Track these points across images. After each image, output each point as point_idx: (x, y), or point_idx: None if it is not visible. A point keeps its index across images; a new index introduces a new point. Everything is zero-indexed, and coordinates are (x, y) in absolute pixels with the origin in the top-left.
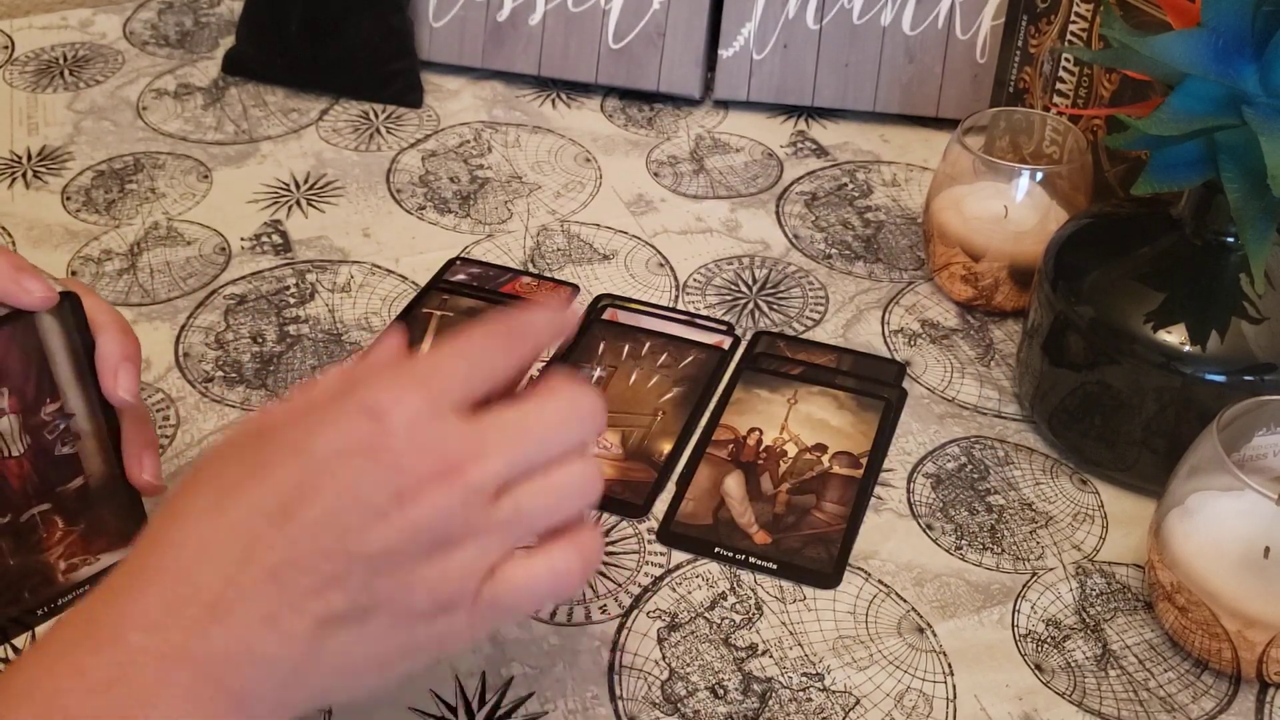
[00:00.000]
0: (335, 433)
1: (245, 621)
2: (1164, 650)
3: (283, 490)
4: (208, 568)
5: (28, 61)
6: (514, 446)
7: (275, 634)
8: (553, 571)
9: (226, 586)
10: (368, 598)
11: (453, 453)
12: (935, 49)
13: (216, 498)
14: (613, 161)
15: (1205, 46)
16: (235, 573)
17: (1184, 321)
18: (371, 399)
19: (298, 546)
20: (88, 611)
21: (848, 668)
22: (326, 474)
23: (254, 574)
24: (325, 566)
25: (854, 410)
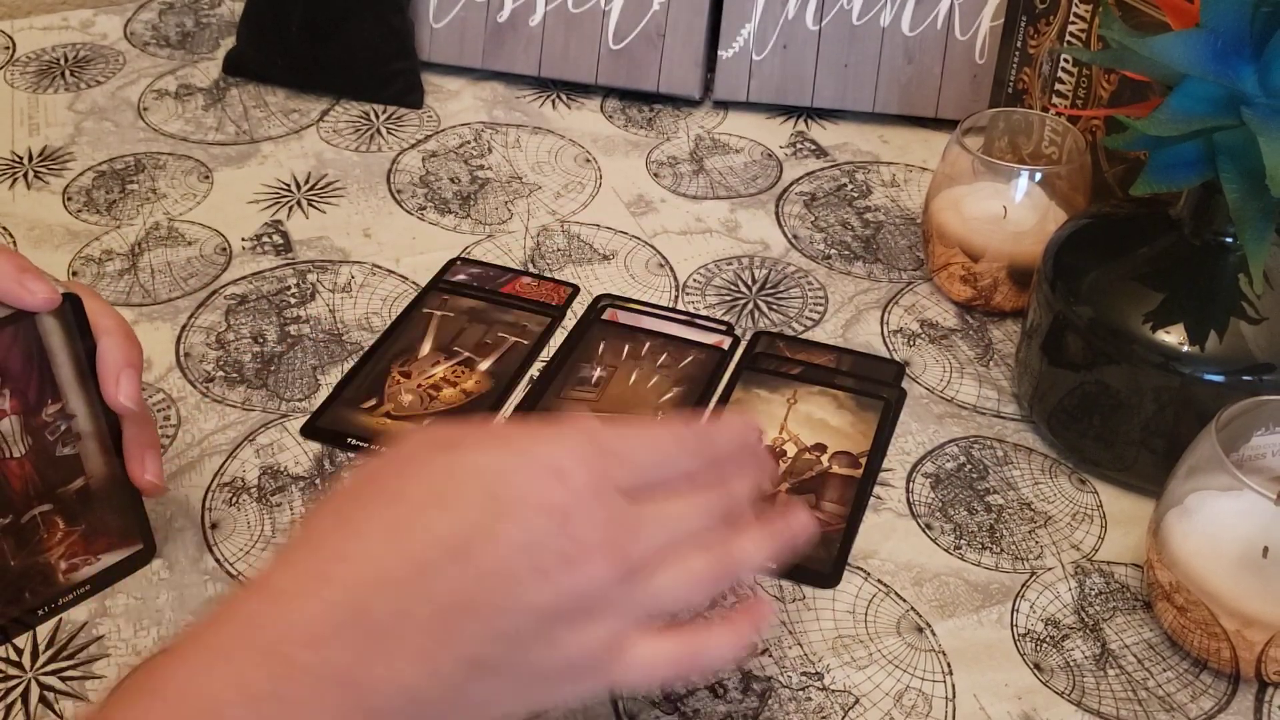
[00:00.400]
0: (524, 482)
1: (405, 655)
2: (1163, 650)
3: (466, 528)
4: (382, 593)
5: (29, 62)
6: (666, 533)
7: (428, 671)
8: (679, 652)
9: (398, 619)
10: (519, 653)
11: (618, 531)
12: (934, 49)
13: (398, 518)
14: (613, 162)
15: (1204, 47)
16: (409, 606)
17: (1183, 321)
18: (559, 459)
19: (471, 590)
20: (248, 609)
21: (847, 667)
22: (511, 522)
23: (426, 610)
24: (492, 615)
25: (853, 410)
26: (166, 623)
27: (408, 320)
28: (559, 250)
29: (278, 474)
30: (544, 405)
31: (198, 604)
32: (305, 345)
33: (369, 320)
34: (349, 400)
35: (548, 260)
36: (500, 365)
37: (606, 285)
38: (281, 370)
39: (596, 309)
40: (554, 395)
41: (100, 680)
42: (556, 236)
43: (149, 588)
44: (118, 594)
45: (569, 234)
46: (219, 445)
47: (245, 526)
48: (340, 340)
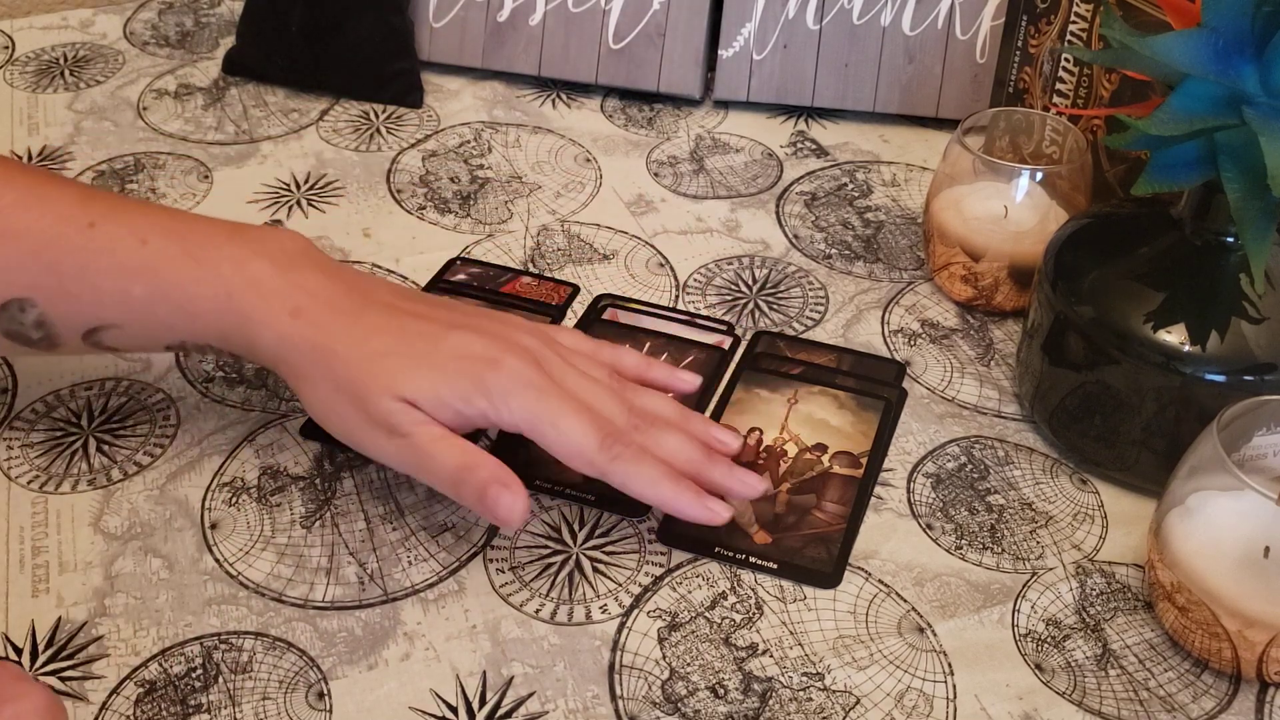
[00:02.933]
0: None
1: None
2: (1164, 650)
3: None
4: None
5: (28, 62)
6: (577, 367)
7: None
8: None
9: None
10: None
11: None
12: (935, 49)
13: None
14: (613, 161)
15: (1205, 46)
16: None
17: (1184, 321)
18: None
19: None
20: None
21: (848, 667)
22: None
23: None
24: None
25: (854, 410)
26: (166, 623)
27: None
28: (559, 250)
29: (277, 474)
30: None
31: (198, 604)
32: None
33: None
34: None
35: (548, 260)
36: None
37: (607, 285)
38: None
39: (596, 309)
40: None
41: (100, 680)
42: (556, 236)
43: (149, 588)
44: (117, 594)
45: (569, 234)
46: (219, 445)
47: (245, 526)
48: None
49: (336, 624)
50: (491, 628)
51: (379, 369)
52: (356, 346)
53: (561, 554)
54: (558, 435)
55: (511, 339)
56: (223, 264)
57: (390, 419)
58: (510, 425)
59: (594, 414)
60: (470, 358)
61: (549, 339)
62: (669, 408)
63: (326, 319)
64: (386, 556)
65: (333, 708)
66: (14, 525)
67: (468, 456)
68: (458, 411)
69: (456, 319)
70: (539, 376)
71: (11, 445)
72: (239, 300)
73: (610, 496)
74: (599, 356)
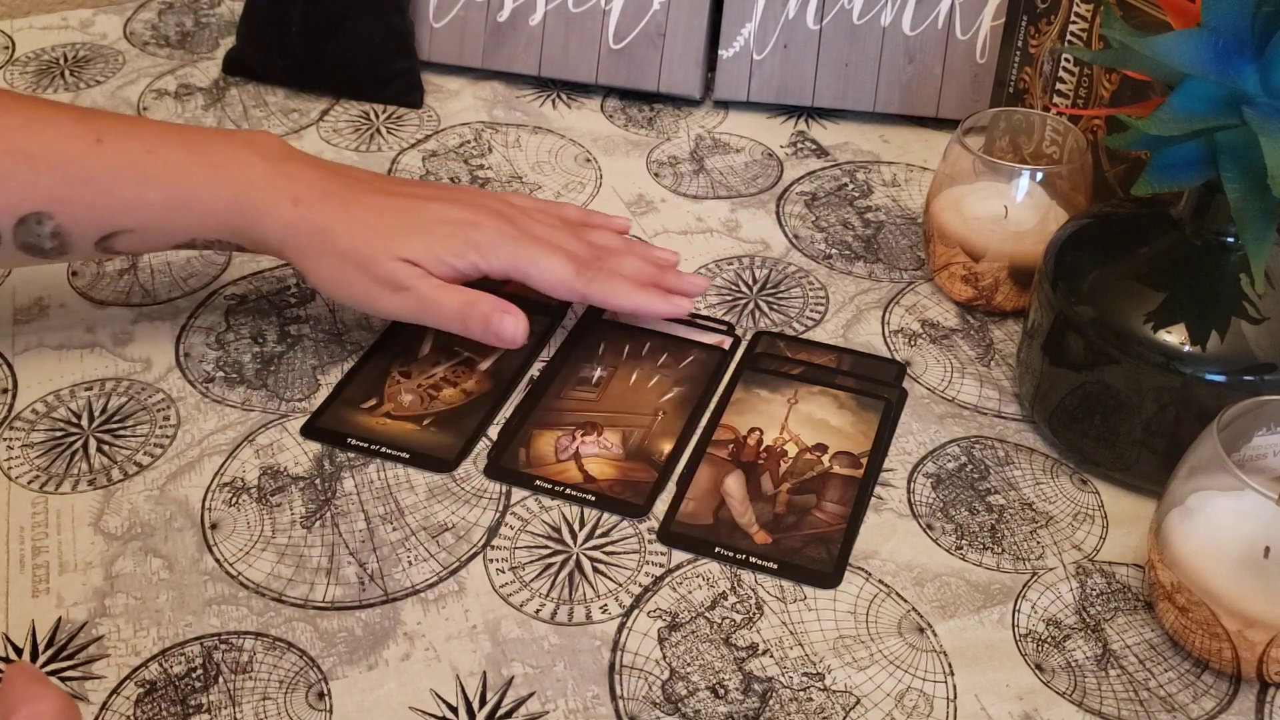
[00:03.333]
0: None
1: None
2: (1164, 650)
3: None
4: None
5: (28, 62)
6: (542, 216)
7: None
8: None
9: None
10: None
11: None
12: (935, 49)
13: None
14: (613, 162)
15: (1205, 46)
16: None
17: (1184, 321)
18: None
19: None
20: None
21: (848, 667)
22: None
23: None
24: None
25: (854, 410)
26: (166, 623)
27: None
28: None
29: (277, 474)
30: (544, 405)
31: (198, 604)
32: (305, 345)
33: (369, 320)
34: (349, 400)
35: None
36: (500, 365)
37: None
38: (281, 370)
39: (597, 309)
40: (554, 395)
41: (100, 680)
42: None
43: (149, 588)
44: (117, 594)
45: None
46: (219, 445)
47: (245, 526)
48: (340, 340)
49: (336, 624)
50: (491, 628)
51: (378, 237)
52: (354, 222)
53: (561, 554)
54: (540, 271)
55: (481, 203)
56: (228, 165)
57: (394, 276)
58: (499, 271)
59: (564, 250)
60: (453, 221)
61: (507, 201)
62: (616, 239)
63: (323, 204)
64: (386, 556)
65: (333, 708)
66: (14, 525)
67: (468, 295)
68: (452, 266)
69: (432, 193)
70: (512, 229)
71: (11, 445)
72: (247, 196)
73: (610, 496)
74: (548, 210)
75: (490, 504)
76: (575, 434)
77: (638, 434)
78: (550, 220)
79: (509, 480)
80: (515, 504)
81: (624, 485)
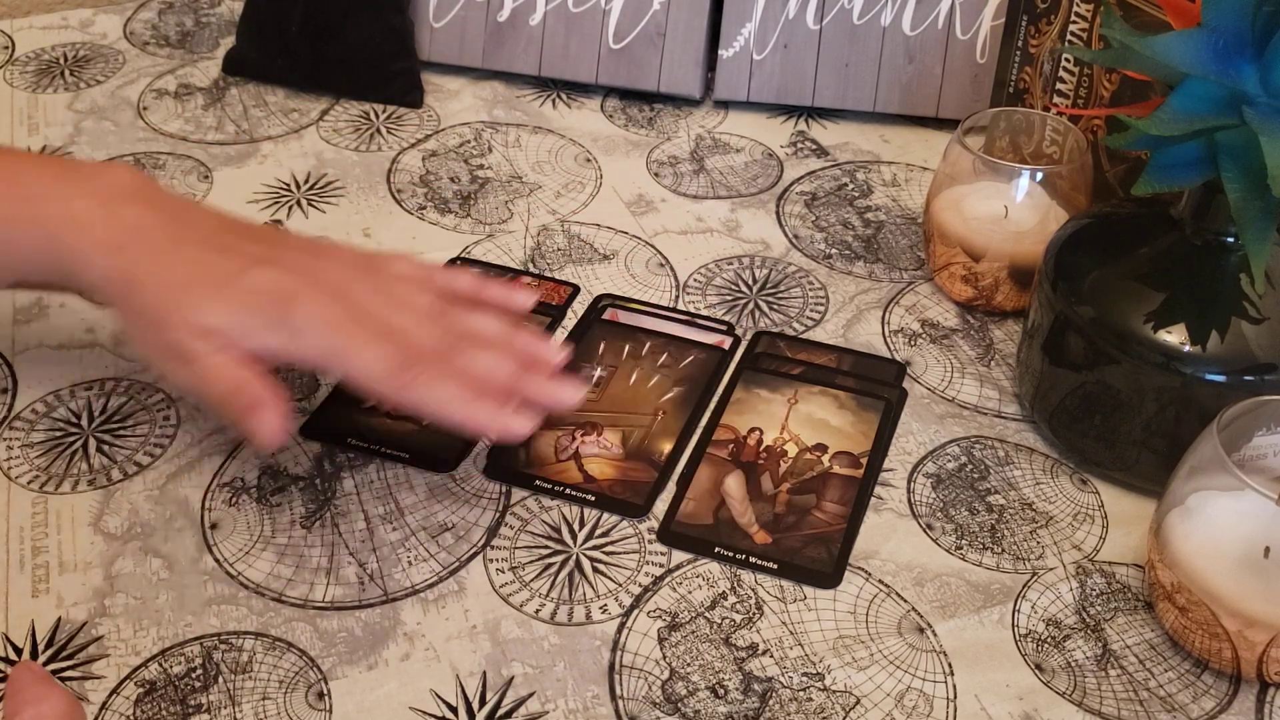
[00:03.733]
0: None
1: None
2: (1164, 650)
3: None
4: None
5: (28, 62)
6: (396, 293)
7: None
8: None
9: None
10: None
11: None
12: (935, 49)
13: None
14: (613, 161)
15: (1205, 46)
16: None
17: (1184, 321)
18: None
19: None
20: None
21: (848, 667)
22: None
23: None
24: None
25: (854, 410)
26: (166, 623)
27: None
28: (559, 250)
29: (278, 474)
30: None
31: (198, 604)
32: None
33: None
34: (349, 400)
35: (548, 260)
36: None
37: (607, 285)
38: (281, 370)
39: (597, 309)
40: None
41: (100, 680)
42: (557, 236)
43: (149, 588)
44: (117, 594)
45: (569, 234)
46: (219, 445)
47: (245, 526)
48: None
49: (336, 624)
50: (491, 628)
51: (181, 299)
52: (163, 278)
53: (561, 554)
54: (351, 366)
55: (318, 274)
56: (49, 204)
57: (181, 346)
58: (310, 358)
59: (396, 340)
60: (270, 292)
61: (372, 267)
62: (493, 326)
63: (142, 254)
64: (386, 556)
65: (333, 708)
66: (14, 525)
67: (241, 381)
68: (259, 341)
69: (266, 254)
70: (336, 311)
71: (11, 445)
72: (62, 240)
73: (610, 496)
74: (430, 282)
75: (490, 504)
76: (575, 434)
77: (638, 434)
78: (417, 298)
79: (509, 480)
80: (515, 504)
81: (624, 485)
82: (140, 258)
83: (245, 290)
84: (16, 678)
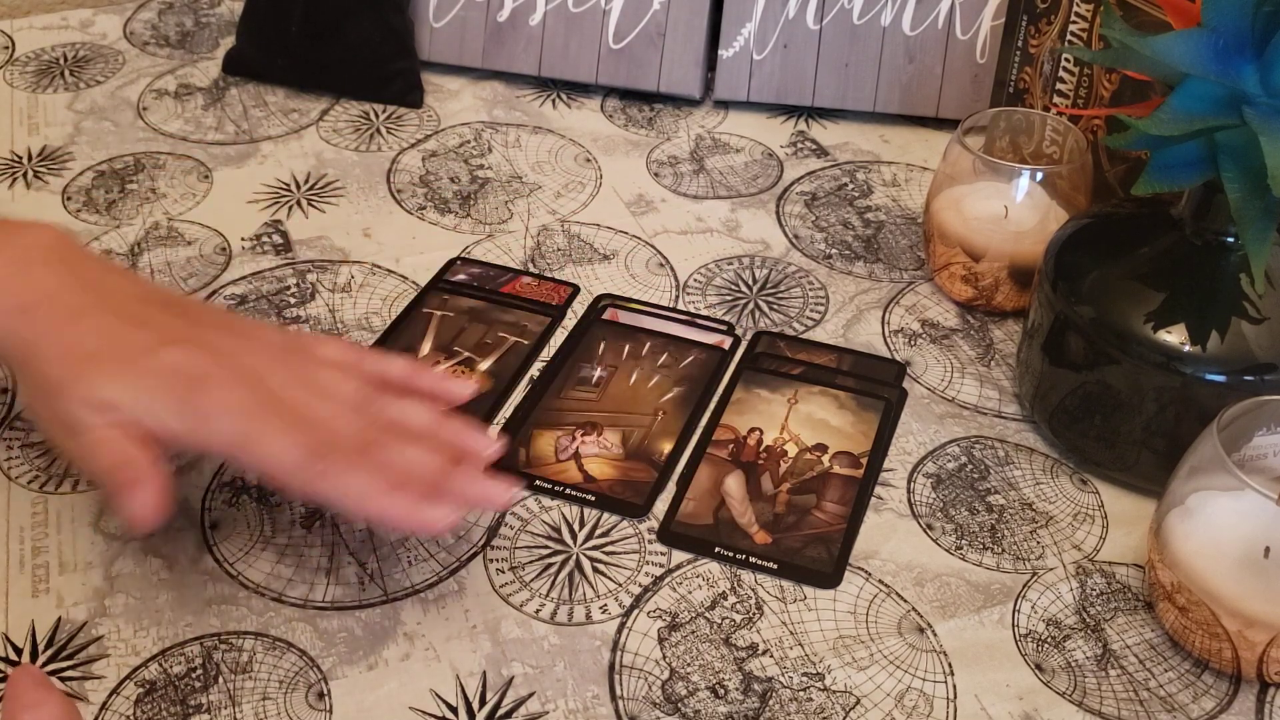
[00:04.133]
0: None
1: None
2: (1164, 650)
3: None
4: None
5: (28, 62)
6: (321, 385)
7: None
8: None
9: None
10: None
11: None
12: (935, 49)
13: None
14: (613, 161)
15: (1205, 46)
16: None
17: (1184, 321)
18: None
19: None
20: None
21: (848, 667)
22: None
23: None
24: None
25: (854, 410)
26: (166, 623)
27: (407, 320)
28: (559, 250)
29: None
30: (544, 405)
31: (198, 604)
32: None
33: (369, 320)
34: None
35: (548, 260)
36: (500, 365)
37: (607, 285)
38: None
39: (597, 309)
40: (554, 395)
41: (100, 680)
42: (557, 236)
43: (148, 588)
44: (117, 594)
45: (569, 234)
46: None
47: (245, 526)
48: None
49: (336, 624)
50: (491, 628)
51: (80, 371)
52: (67, 345)
53: (561, 554)
54: (260, 455)
55: (235, 357)
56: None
57: (72, 417)
58: (214, 447)
59: (310, 430)
60: (179, 374)
61: (296, 350)
62: (423, 416)
63: (48, 318)
64: (386, 556)
65: (333, 708)
66: (14, 525)
67: (125, 457)
68: (160, 424)
69: (183, 331)
70: (249, 398)
71: (11, 445)
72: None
73: (610, 496)
74: (359, 367)
75: None
76: (575, 434)
77: (638, 434)
78: (342, 386)
79: None
80: (515, 504)
81: (624, 485)
82: (46, 323)
83: (153, 368)
84: (15, 681)
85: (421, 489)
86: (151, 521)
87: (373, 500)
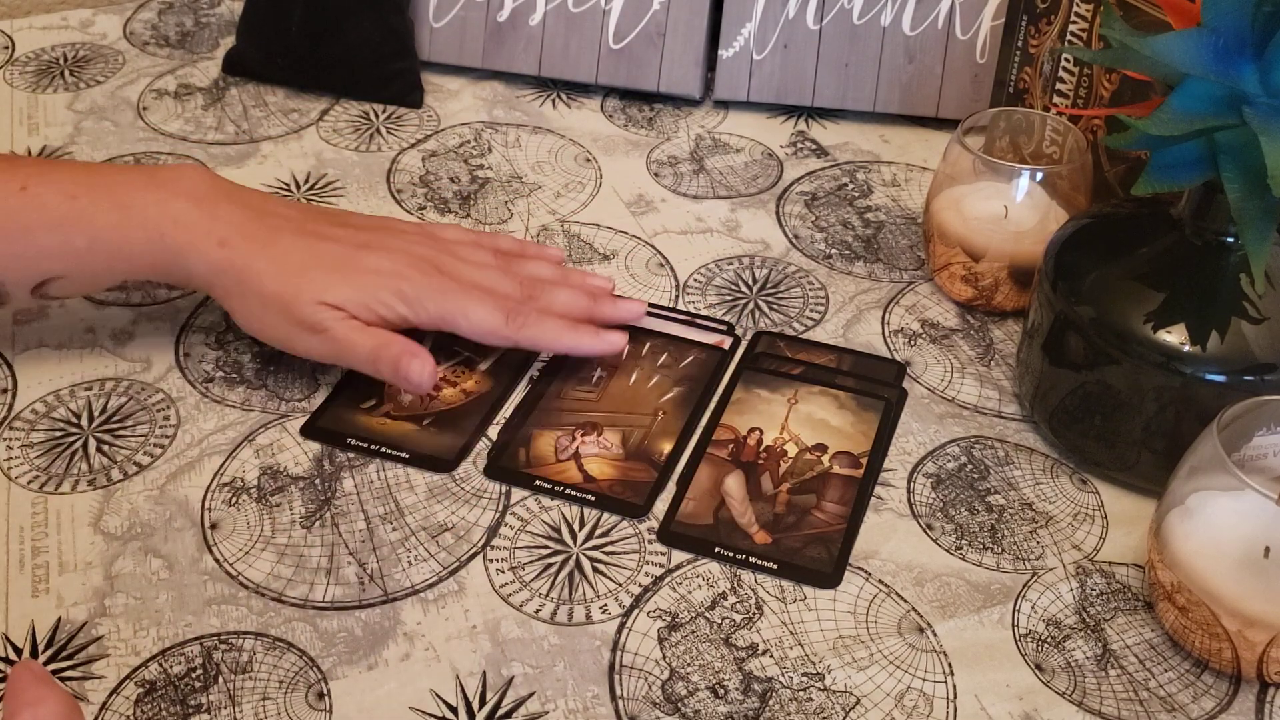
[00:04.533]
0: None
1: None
2: (1164, 650)
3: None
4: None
5: (28, 62)
6: (466, 255)
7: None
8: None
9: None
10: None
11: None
12: (935, 49)
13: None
14: (613, 161)
15: (1205, 46)
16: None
17: (1184, 321)
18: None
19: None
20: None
21: (848, 667)
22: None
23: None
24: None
25: (854, 410)
26: (166, 623)
27: None
28: None
29: (277, 474)
30: (544, 405)
31: (198, 604)
32: None
33: None
34: (349, 400)
35: None
36: (500, 365)
37: None
38: (281, 370)
39: None
40: (554, 395)
41: (100, 680)
42: (556, 236)
43: (149, 588)
44: (117, 594)
45: (569, 234)
46: (218, 445)
47: (245, 526)
48: None
49: (336, 624)
50: (491, 628)
51: (302, 281)
52: (278, 265)
53: (561, 554)
54: (469, 322)
55: (411, 251)
56: (149, 208)
57: (313, 318)
58: (427, 323)
59: (493, 294)
60: (383, 273)
61: (437, 238)
62: (550, 270)
63: (247, 246)
64: (386, 556)
65: (333, 708)
66: (14, 525)
67: (382, 337)
68: (379, 315)
69: (362, 239)
70: (441, 280)
71: (11, 445)
72: (170, 239)
73: (610, 496)
74: (481, 244)
75: (490, 504)
76: (575, 434)
77: (638, 434)
78: (482, 257)
79: (509, 480)
80: (515, 504)
81: (624, 485)
82: (246, 249)
83: (360, 270)
84: (16, 677)
85: (585, 322)
86: (431, 381)
87: (564, 337)
